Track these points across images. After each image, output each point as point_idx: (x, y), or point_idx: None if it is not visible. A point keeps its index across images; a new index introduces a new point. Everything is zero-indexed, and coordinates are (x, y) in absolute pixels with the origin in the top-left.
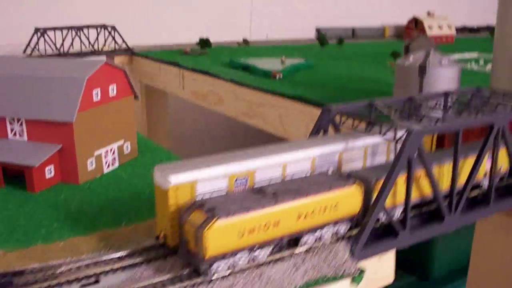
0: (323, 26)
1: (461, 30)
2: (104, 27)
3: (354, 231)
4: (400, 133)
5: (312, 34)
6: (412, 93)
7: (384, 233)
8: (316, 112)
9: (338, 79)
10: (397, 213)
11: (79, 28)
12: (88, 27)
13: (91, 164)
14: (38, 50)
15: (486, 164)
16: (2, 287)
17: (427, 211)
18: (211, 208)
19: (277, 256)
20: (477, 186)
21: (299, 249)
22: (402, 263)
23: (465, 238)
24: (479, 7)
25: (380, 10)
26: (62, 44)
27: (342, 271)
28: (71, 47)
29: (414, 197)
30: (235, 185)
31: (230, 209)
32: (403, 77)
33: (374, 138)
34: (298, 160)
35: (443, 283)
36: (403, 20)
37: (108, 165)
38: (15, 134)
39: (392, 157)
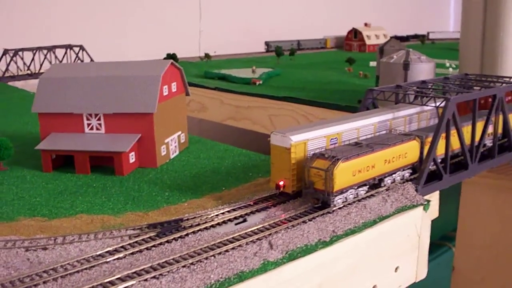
0: (271, 39)
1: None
2: (71, 47)
3: (414, 176)
4: (438, 103)
5: (261, 48)
6: None
7: (431, 178)
8: (306, 109)
9: (311, 83)
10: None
11: (48, 49)
12: (56, 47)
13: (163, 151)
14: (8, 70)
15: (488, 128)
16: (174, 229)
17: (455, 162)
18: (332, 156)
19: (369, 193)
20: (484, 145)
21: (383, 188)
22: None
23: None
24: (407, 20)
25: (321, 23)
26: (31, 64)
27: (416, 201)
28: (41, 66)
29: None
30: (330, 143)
31: (348, 155)
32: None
33: (411, 109)
34: (366, 125)
35: None
36: (342, 32)
37: (173, 152)
38: (91, 128)
39: (422, 124)
